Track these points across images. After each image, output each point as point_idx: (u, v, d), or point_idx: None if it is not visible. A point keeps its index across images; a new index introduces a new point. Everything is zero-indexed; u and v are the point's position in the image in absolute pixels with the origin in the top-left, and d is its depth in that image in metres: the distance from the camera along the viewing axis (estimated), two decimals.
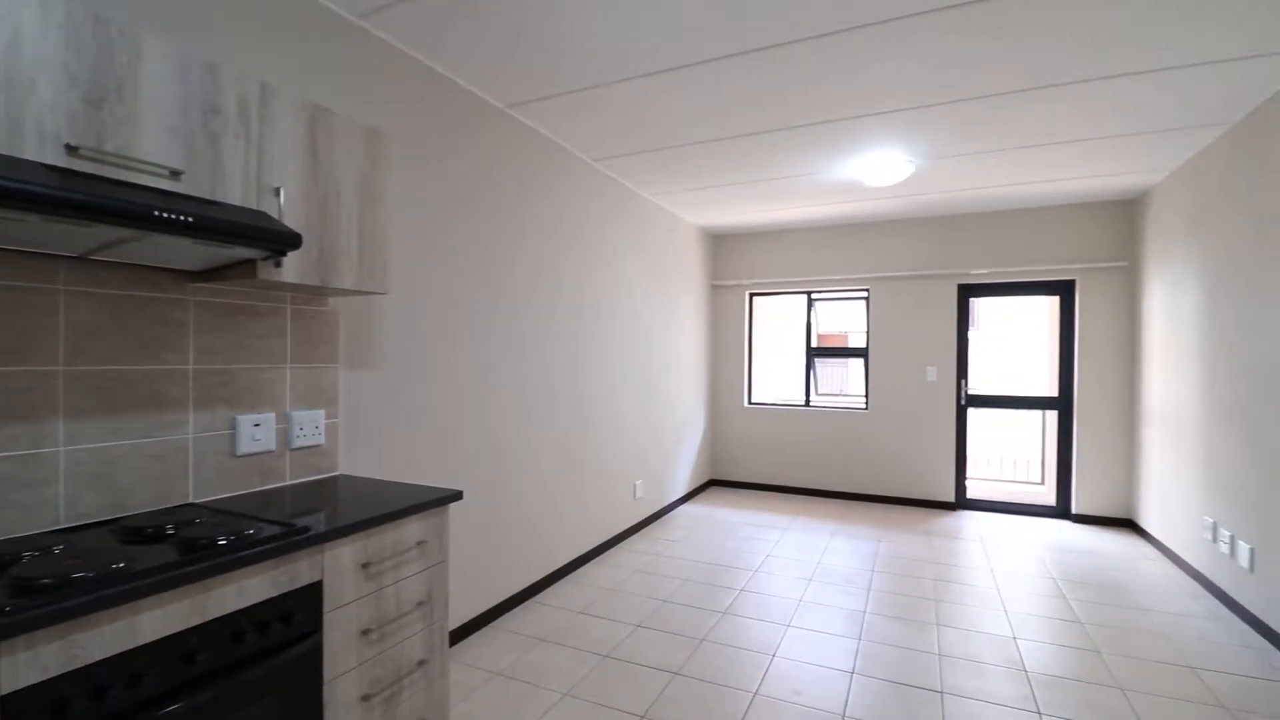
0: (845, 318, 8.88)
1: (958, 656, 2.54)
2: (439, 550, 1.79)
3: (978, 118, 2.92)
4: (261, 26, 1.83)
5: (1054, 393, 4.84)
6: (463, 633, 2.65)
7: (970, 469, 5.15)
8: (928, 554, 3.87)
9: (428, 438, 2.47)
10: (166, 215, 1.14)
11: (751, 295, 5.85)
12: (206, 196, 1.37)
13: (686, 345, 5.26)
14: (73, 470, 1.41)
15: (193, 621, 1.16)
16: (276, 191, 1.53)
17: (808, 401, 5.69)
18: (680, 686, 2.31)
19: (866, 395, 5.34)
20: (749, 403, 5.83)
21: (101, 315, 1.47)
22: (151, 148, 1.27)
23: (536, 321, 3.17)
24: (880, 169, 3.62)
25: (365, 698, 1.54)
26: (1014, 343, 7.92)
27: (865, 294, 5.37)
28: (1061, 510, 4.74)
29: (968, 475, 5.09)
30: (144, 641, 1.08)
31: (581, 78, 2.57)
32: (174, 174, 1.31)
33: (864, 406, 5.36)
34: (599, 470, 3.80)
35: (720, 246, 5.89)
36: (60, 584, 1.01)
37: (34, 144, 1.10)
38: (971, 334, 5.11)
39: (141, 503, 1.54)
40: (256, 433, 1.80)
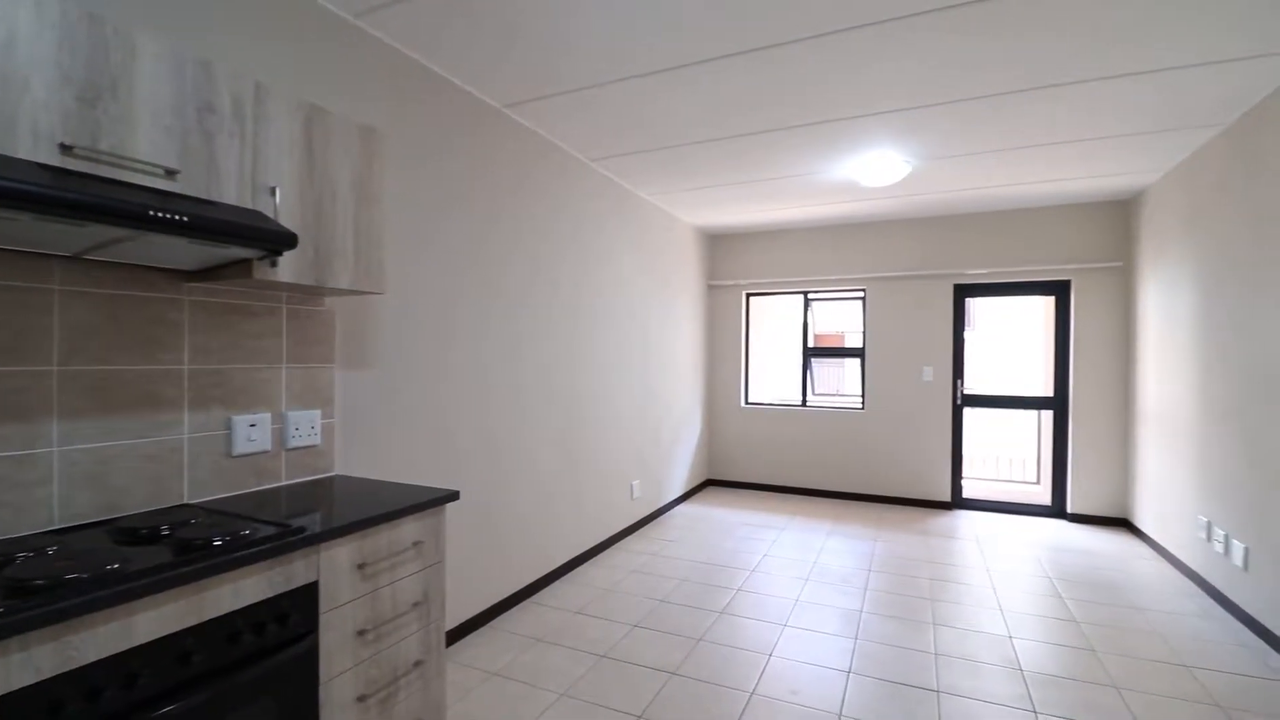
0: (842, 318, 8.90)
1: (954, 655, 2.55)
2: (435, 551, 1.78)
3: (976, 118, 2.93)
4: (257, 25, 1.83)
5: (1049, 393, 4.86)
6: (459, 633, 2.65)
7: (966, 469, 5.16)
8: (924, 553, 3.88)
9: (424, 438, 2.47)
10: (161, 215, 1.14)
11: (748, 295, 5.86)
12: (201, 196, 1.36)
13: (683, 345, 5.26)
14: (67, 471, 1.41)
15: (188, 622, 1.15)
16: (272, 191, 1.52)
17: (804, 401, 5.69)
18: (677, 686, 2.31)
19: (863, 395, 5.35)
20: (746, 403, 5.83)
21: (96, 315, 1.46)
22: (146, 147, 1.27)
23: (533, 321, 3.16)
24: (877, 169, 3.63)
25: (361, 698, 1.53)
26: (1009, 343, 7.94)
27: (861, 294, 5.38)
28: (1057, 510, 4.75)
29: (964, 475, 5.10)
30: (139, 642, 1.08)
31: (578, 78, 2.57)
32: (169, 173, 1.30)
33: (860, 406, 5.37)
34: (596, 470, 3.80)
35: (717, 246, 5.90)
36: (54, 585, 1.00)
37: (28, 143, 1.09)
38: (967, 334, 5.13)
39: (136, 503, 1.53)
40: (252, 433, 1.79)
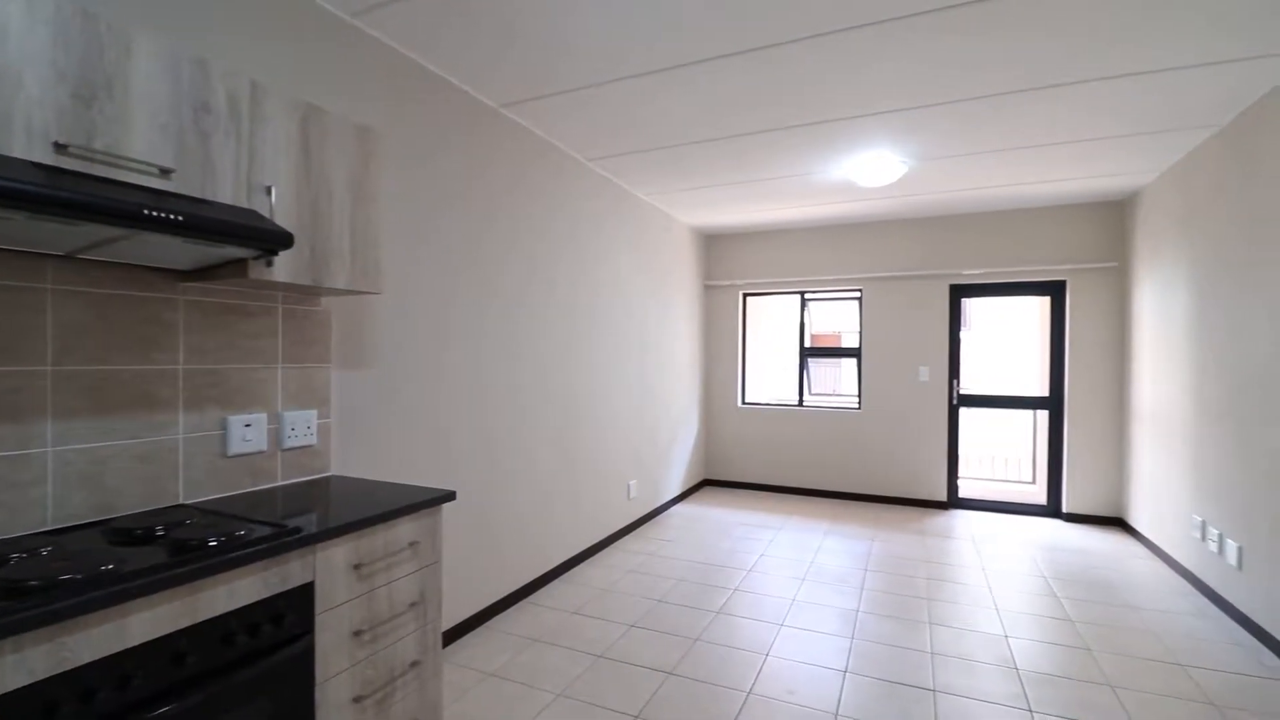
0: (838, 318, 8.91)
1: (950, 655, 2.56)
2: (432, 551, 1.78)
3: (975, 118, 2.94)
4: (257, 25, 1.82)
5: (1045, 393, 4.87)
6: (456, 633, 2.65)
7: (962, 468, 5.17)
8: (920, 553, 3.89)
9: (421, 438, 2.46)
10: (156, 214, 1.13)
11: (745, 295, 5.86)
12: (197, 195, 1.35)
13: (680, 345, 5.26)
14: (61, 471, 1.40)
15: (183, 623, 1.15)
16: (268, 190, 1.52)
17: (801, 401, 5.70)
18: (674, 686, 2.31)
19: (859, 395, 5.36)
20: (743, 403, 5.84)
21: (90, 314, 1.45)
22: (141, 145, 1.26)
23: (530, 321, 3.16)
24: (874, 170, 3.64)
25: (358, 699, 1.53)
26: (1005, 343, 7.97)
27: (858, 294, 5.39)
28: (1052, 509, 4.77)
29: (960, 475, 5.11)
30: (134, 643, 1.07)
31: (576, 77, 2.57)
32: (164, 172, 1.30)
33: (857, 406, 5.38)
34: (593, 470, 3.80)
35: (714, 246, 5.90)
36: (48, 586, 1.00)
37: (22, 141, 1.09)
38: (963, 334, 5.14)
39: (131, 504, 1.52)
40: (247, 433, 1.78)
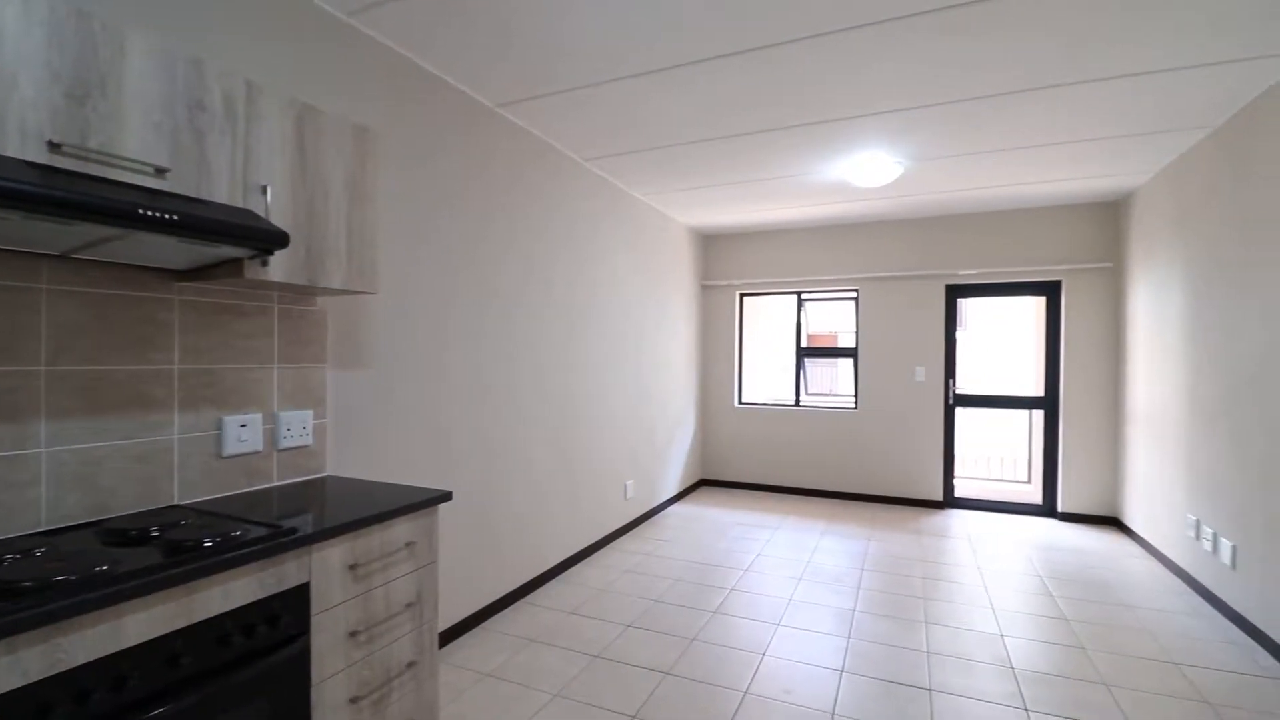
0: (835, 318, 8.94)
1: (946, 654, 2.56)
2: (428, 551, 1.78)
3: (974, 118, 2.94)
4: (256, 25, 1.82)
5: (1040, 392, 4.89)
6: (453, 634, 2.64)
7: (958, 468, 5.19)
8: (916, 552, 3.90)
9: (418, 438, 2.46)
10: (151, 213, 1.13)
11: (742, 295, 5.87)
12: (192, 194, 1.35)
13: (677, 345, 5.26)
14: (55, 471, 1.39)
15: (178, 624, 1.15)
16: (263, 190, 1.51)
17: (798, 401, 5.71)
18: (671, 686, 2.31)
19: (856, 395, 5.37)
20: (739, 402, 5.85)
21: (85, 314, 1.45)
22: (136, 145, 1.26)
23: (528, 321, 3.16)
24: (872, 170, 3.64)
25: (354, 700, 1.53)
26: (1001, 343, 7.99)
27: (854, 294, 5.40)
28: (1048, 509, 4.79)
29: (956, 474, 5.13)
30: (128, 645, 1.07)
31: (573, 77, 2.57)
32: (159, 171, 1.29)
33: (853, 406, 5.39)
34: (590, 470, 3.80)
35: (711, 246, 5.90)
36: (42, 587, 0.99)
37: (16, 141, 1.08)
38: (959, 334, 5.16)
39: (126, 504, 1.52)
40: (243, 433, 1.78)
